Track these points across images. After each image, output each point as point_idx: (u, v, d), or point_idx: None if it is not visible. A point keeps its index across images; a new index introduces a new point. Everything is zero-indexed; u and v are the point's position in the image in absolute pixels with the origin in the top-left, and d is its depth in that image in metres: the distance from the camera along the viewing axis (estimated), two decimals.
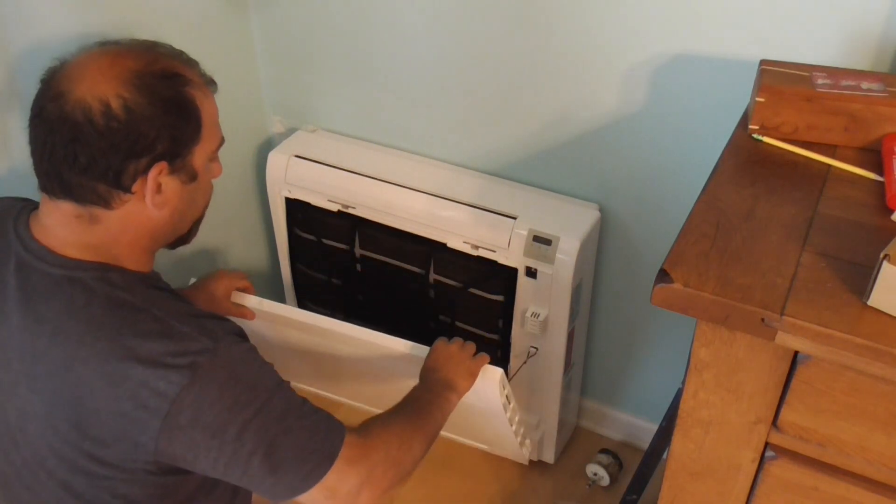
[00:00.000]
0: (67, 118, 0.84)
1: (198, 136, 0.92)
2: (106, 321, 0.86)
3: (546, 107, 1.36)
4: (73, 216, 0.89)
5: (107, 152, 0.85)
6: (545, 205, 1.40)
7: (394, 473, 0.96)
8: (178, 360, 0.84)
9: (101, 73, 0.85)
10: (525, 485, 1.63)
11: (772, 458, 0.82)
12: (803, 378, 0.74)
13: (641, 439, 1.67)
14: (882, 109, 0.91)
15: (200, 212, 1.01)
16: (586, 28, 1.25)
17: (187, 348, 0.85)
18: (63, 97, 0.85)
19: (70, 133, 0.85)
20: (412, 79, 1.46)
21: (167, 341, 0.85)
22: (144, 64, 0.88)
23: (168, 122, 0.88)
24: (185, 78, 0.91)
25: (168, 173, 0.90)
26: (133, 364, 0.83)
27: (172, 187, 0.91)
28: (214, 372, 0.85)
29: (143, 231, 0.92)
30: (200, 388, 0.84)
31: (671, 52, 1.21)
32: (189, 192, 0.94)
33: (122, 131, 0.85)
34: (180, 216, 0.96)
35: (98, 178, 0.86)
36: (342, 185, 1.49)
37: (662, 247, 0.87)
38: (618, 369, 1.63)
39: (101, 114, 0.84)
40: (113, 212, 0.89)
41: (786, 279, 0.73)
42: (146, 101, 0.86)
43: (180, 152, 0.90)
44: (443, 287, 1.49)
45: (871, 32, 1.06)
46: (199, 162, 0.93)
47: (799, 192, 0.86)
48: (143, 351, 0.84)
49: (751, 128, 0.96)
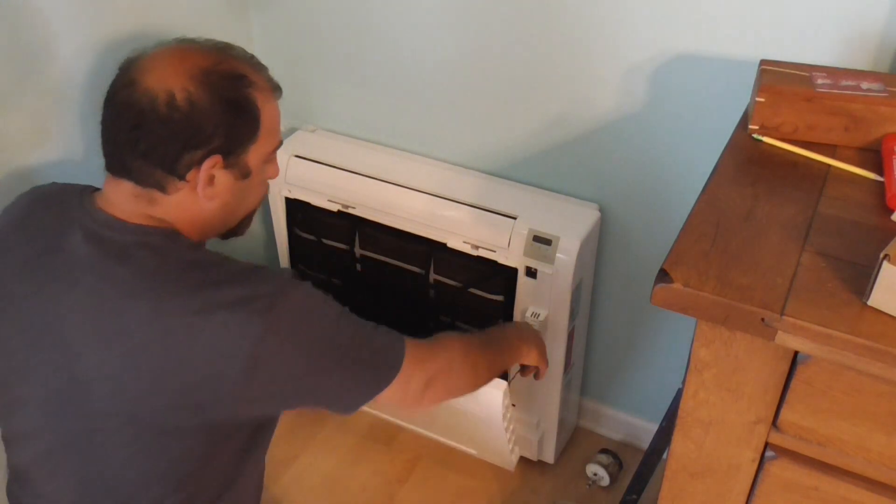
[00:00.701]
0: (134, 105, 0.90)
1: (255, 136, 0.96)
2: (181, 277, 0.92)
3: (546, 107, 1.36)
4: (133, 195, 0.94)
5: (166, 140, 0.91)
6: (545, 205, 1.40)
7: (455, 378, 1.10)
8: (255, 303, 0.89)
9: (172, 66, 0.92)
10: (525, 485, 1.63)
11: (772, 458, 0.82)
12: (803, 378, 0.74)
13: (641, 439, 1.67)
14: (882, 109, 0.91)
15: (251, 208, 1.06)
16: (586, 28, 1.25)
17: (262, 291, 0.91)
18: (133, 85, 0.91)
19: (135, 119, 0.91)
20: (412, 79, 1.46)
21: (242, 287, 0.91)
22: (213, 63, 0.93)
23: (226, 119, 0.93)
24: (250, 80, 0.96)
25: (222, 167, 0.95)
26: (214, 311, 0.88)
27: (224, 181, 0.96)
28: (289, 309, 0.92)
29: (195, 219, 0.97)
30: (279, 326, 0.90)
31: (671, 52, 1.21)
32: (241, 188, 0.99)
33: (182, 122, 0.90)
34: (230, 210, 1.01)
35: (156, 164, 0.92)
36: (342, 185, 1.49)
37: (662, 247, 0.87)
38: (618, 369, 1.63)
39: (165, 104, 0.90)
40: (168, 197, 0.94)
41: (786, 279, 0.73)
42: (208, 98, 0.91)
43: (235, 149, 0.95)
44: (443, 287, 1.49)
45: (871, 32, 1.06)
46: (253, 161, 0.98)
47: (799, 192, 0.86)
48: (221, 297, 0.89)
49: (751, 128, 0.96)
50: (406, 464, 1.67)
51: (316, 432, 1.73)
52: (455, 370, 1.10)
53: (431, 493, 1.61)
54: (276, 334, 0.90)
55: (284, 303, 0.92)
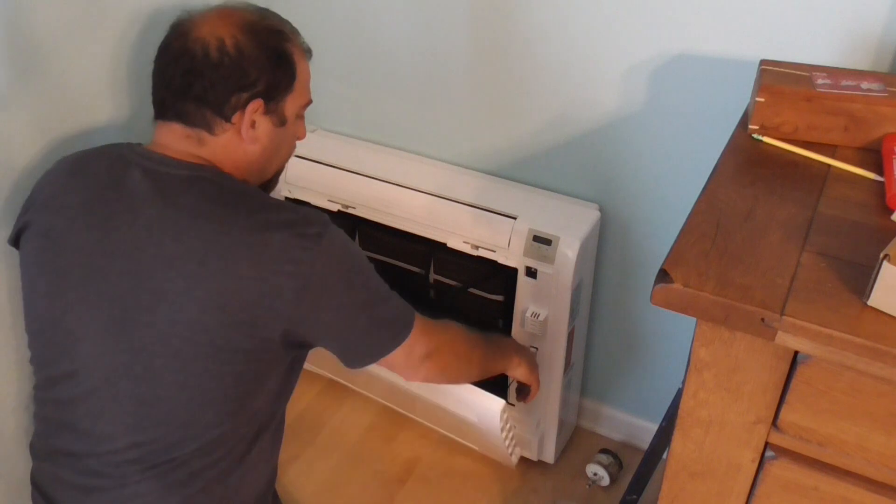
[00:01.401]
0: (187, 51, 1.00)
1: (291, 86, 1.07)
2: (240, 202, 1.00)
3: (546, 107, 1.36)
4: (184, 136, 1.03)
5: (216, 83, 1.00)
6: (545, 205, 1.40)
7: (452, 360, 1.17)
8: (307, 230, 0.98)
9: (221, 19, 1.03)
10: (525, 485, 1.63)
11: (772, 458, 0.82)
12: (803, 378, 0.74)
13: (641, 439, 1.67)
14: (882, 109, 0.91)
15: (283, 161, 1.15)
16: (586, 28, 1.25)
17: (311, 220, 0.99)
18: (187, 35, 1.01)
19: (189, 63, 1.00)
20: (412, 79, 1.46)
21: (295, 213, 1.00)
22: (257, 19, 1.05)
23: (269, 67, 1.03)
24: (287, 36, 1.07)
25: (263, 112, 1.04)
26: (273, 232, 0.96)
27: (265, 127, 1.06)
28: (334, 243, 1.00)
29: (239, 162, 1.06)
30: (328, 255, 0.98)
31: (671, 52, 1.21)
32: (278, 135, 1.08)
33: (231, 66, 1.00)
34: (268, 157, 1.09)
35: (206, 106, 1.01)
36: (342, 185, 1.49)
37: (662, 247, 0.87)
38: (618, 369, 1.63)
39: (217, 49, 1.00)
40: (215, 138, 1.03)
41: (786, 279, 0.73)
42: (254, 45, 1.02)
43: (275, 96, 1.05)
44: (443, 287, 1.49)
45: (871, 32, 1.06)
46: (290, 110, 1.08)
47: (799, 192, 0.86)
48: (279, 219, 0.98)
49: (751, 128, 0.96)
50: (406, 464, 1.67)
51: (316, 432, 1.73)
52: (454, 351, 1.18)
53: (431, 494, 1.61)
54: (327, 261, 0.98)
55: (331, 236, 0.99)
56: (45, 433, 1.08)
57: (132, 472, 1.01)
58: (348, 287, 1.02)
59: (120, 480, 1.01)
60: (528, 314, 1.39)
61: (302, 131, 1.16)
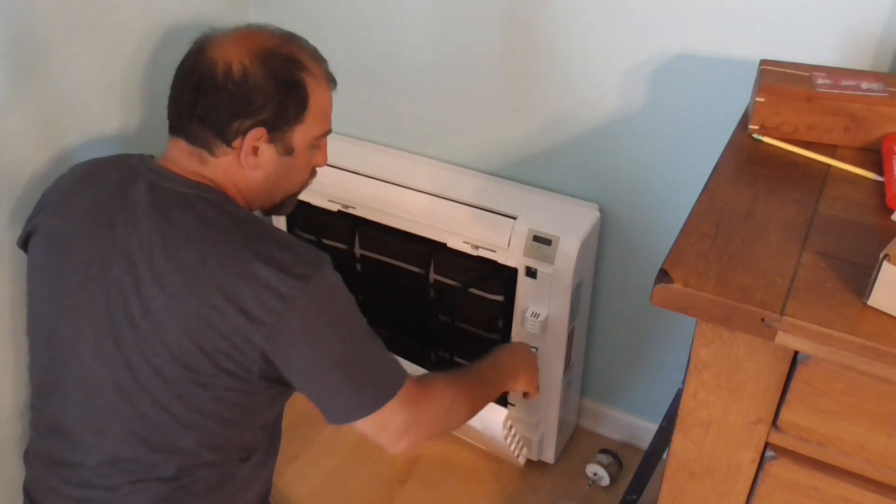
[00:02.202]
0: (198, 70, 1.00)
1: (301, 117, 1.04)
2: (235, 229, 0.99)
3: (546, 107, 1.36)
4: (188, 153, 1.03)
5: (219, 107, 1.00)
6: (545, 205, 1.40)
7: (437, 427, 1.09)
8: (296, 268, 0.95)
9: (236, 42, 1.01)
10: (525, 485, 1.63)
11: (772, 458, 0.82)
12: (803, 378, 0.74)
13: (641, 439, 1.67)
14: (882, 109, 0.91)
15: (294, 189, 1.13)
16: (586, 28, 1.25)
17: (304, 259, 0.97)
18: (201, 54, 1.01)
19: (197, 82, 1.00)
20: (412, 78, 1.46)
21: (288, 251, 0.97)
22: (274, 45, 1.03)
23: (276, 95, 1.01)
24: (305, 66, 1.04)
25: (267, 140, 1.03)
26: (260, 265, 0.94)
27: (268, 154, 1.04)
28: (322, 286, 0.97)
29: (240, 185, 1.05)
30: (311, 296, 0.95)
31: (671, 52, 1.21)
32: (284, 164, 1.06)
33: (235, 92, 0.99)
34: (273, 183, 1.08)
35: (207, 127, 1.01)
36: (342, 185, 1.49)
37: (662, 247, 0.87)
38: (618, 369, 1.63)
39: (223, 73, 0.99)
40: (216, 159, 1.03)
41: (786, 279, 0.73)
42: (263, 72, 1.00)
43: (281, 126, 1.03)
44: (443, 287, 1.49)
45: (871, 32, 1.06)
46: (298, 140, 1.06)
47: (799, 192, 0.86)
48: (269, 254, 0.96)
49: (751, 128, 0.96)
50: (406, 464, 1.67)
51: (316, 432, 1.73)
52: (440, 416, 1.08)
53: (431, 494, 1.61)
54: (308, 304, 0.95)
55: (321, 279, 0.97)
56: (38, 441, 1.07)
57: (122, 485, 1.00)
58: (325, 336, 0.97)
59: (110, 493, 1.00)
60: (528, 314, 1.39)
61: (321, 159, 1.14)
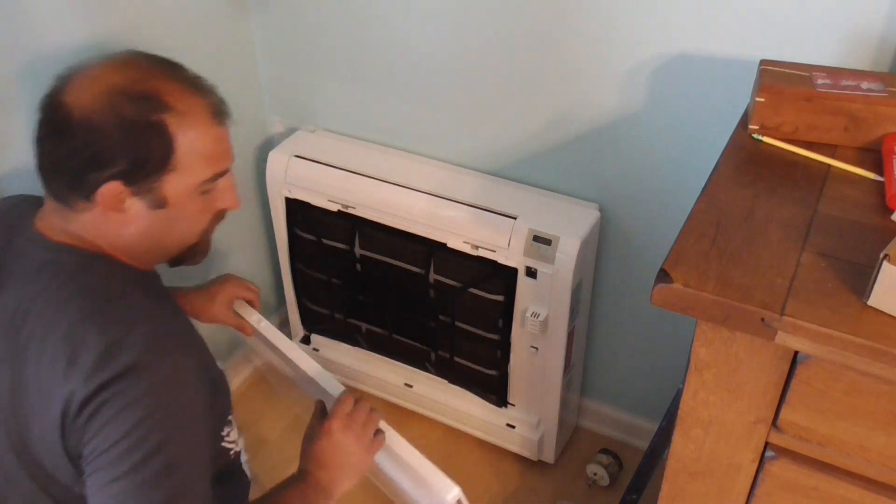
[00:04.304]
0: (44, 116, 0.87)
1: (166, 164, 0.87)
2: (75, 305, 0.86)
3: (546, 107, 1.36)
4: (52, 209, 0.91)
5: (65, 157, 0.86)
6: (545, 205, 1.40)
7: None
8: (117, 359, 0.81)
9: (87, 82, 0.87)
10: (525, 485, 1.63)
11: (772, 458, 0.82)
12: (803, 378, 0.74)
13: (641, 439, 1.67)
14: (882, 109, 0.91)
15: (190, 239, 0.97)
16: (587, 28, 1.25)
17: (125, 354, 0.82)
18: (51, 97, 0.87)
19: (43, 130, 0.87)
20: (412, 79, 1.46)
21: (119, 337, 0.83)
22: (129, 83, 0.87)
23: (128, 143, 0.85)
24: (166, 104, 0.87)
25: (131, 195, 0.88)
26: (83, 350, 0.82)
27: (136, 209, 0.89)
28: (134, 386, 0.81)
29: (115, 244, 0.91)
30: (117, 399, 0.81)
31: (671, 52, 1.21)
32: (160, 217, 0.91)
33: (80, 140, 0.85)
34: (154, 240, 0.93)
35: (61, 179, 0.88)
36: (342, 185, 1.49)
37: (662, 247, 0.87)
38: (618, 369, 1.63)
39: (63, 119, 0.85)
40: (78, 215, 0.89)
41: (786, 279, 0.73)
42: (110, 118, 0.84)
43: (142, 178, 0.87)
44: (443, 287, 1.49)
45: (871, 32, 1.06)
46: (172, 191, 0.89)
47: (799, 192, 0.86)
48: (97, 339, 0.82)
49: (751, 128, 0.96)
50: None
51: None
52: None
53: None
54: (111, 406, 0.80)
55: (138, 378, 0.81)
56: None
57: None
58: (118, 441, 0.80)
59: None
60: (528, 314, 1.39)
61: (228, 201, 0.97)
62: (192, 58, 0.99)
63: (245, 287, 1.25)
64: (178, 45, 1.04)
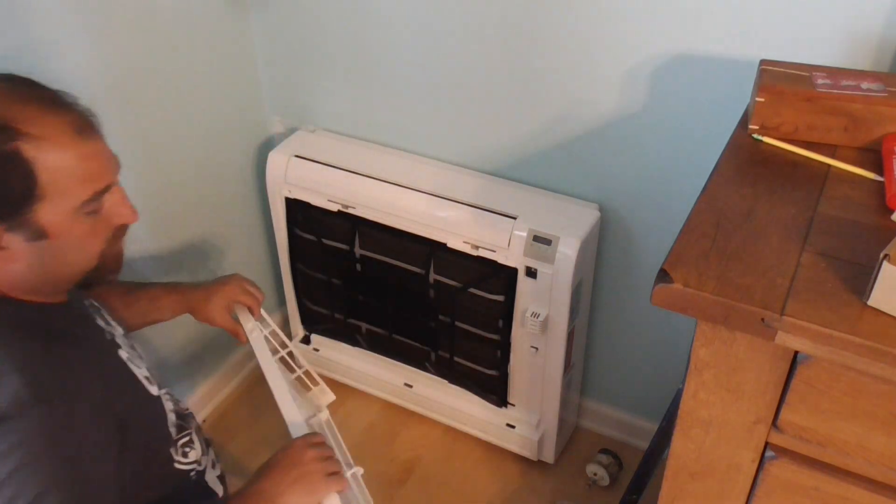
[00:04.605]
0: None
1: (32, 194, 0.82)
2: None
3: (546, 107, 1.36)
4: None
5: None
6: (545, 205, 1.40)
7: None
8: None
9: None
10: (525, 485, 1.63)
11: (772, 458, 0.82)
12: (803, 378, 0.74)
13: (641, 439, 1.67)
14: (882, 109, 0.91)
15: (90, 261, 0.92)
16: (587, 28, 1.25)
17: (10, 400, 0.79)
18: None
19: None
20: (412, 79, 1.46)
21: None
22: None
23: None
24: (18, 132, 0.81)
25: (5, 231, 0.83)
26: None
27: (16, 245, 0.84)
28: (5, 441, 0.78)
29: (7, 278, 0.87)
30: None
31: (671, 52, 1.21)
32: (44, 248, 0.86)
33: None
34: (46, 270, 0.88)
35: None
36: (342, 185, 1.49)
37: (662, 247, 0.87)
38: (618, 369, 1.63)
39: None
40: None
41: (786, 279, 0.73)
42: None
43: (10, 212, 0.83)
44: (443, 287, 1.49)
45: (871, 32, 1.06)
46: (49, 219, 0.84)
47: (799, 192, 0.86)
48: None
49: (751, 128, 0.96)
50: (406, 464, 1.67)
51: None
52: None
53: (431, 494, 1.61)
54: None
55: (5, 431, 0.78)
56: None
57: None
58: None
59: None
60: (528, 314, 1.39)
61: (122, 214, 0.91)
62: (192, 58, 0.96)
63: (247, 291, 1.22)
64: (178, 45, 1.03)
